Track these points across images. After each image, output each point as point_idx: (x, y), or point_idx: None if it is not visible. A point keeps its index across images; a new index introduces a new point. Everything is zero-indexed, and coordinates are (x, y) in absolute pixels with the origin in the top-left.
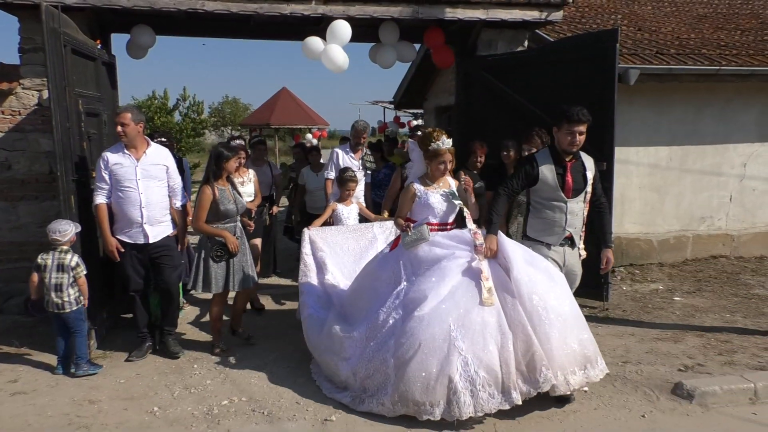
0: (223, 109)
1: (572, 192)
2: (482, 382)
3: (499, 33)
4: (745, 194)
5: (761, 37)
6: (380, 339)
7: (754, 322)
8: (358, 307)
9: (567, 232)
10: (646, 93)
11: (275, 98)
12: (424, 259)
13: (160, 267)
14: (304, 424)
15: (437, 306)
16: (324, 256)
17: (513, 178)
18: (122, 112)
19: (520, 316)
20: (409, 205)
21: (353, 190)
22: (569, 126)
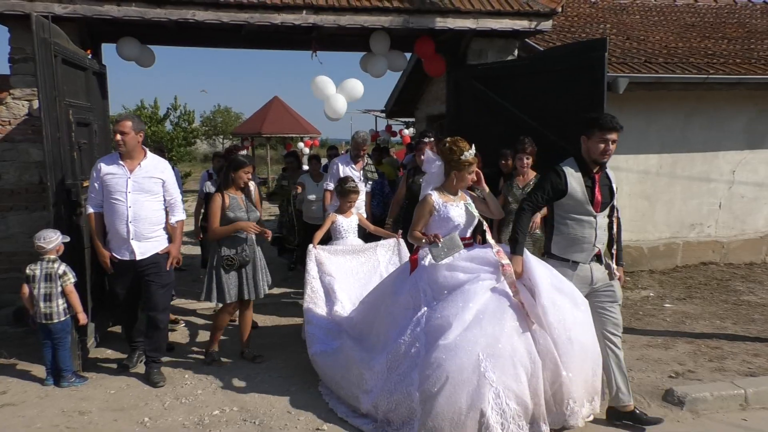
0: (215, 119)
1: (600, 206)
2: (512, 414)
3: (490, 42)
4: (734, 201)
5: (748, 45)
6: (403, 370)
7: (744, 328)
8: (374, 331)
9: (596, 248)
10: (635, 101)
11: (267, 107)
12: (445, 285)
13: (148, 285)
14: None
15: (463, 334)
16: (332, 282)
17: (538, 192)
18: (122, 120)
19: (548, 344)
20: (426, 219)
21: (354, 202)
22: (602, 134)
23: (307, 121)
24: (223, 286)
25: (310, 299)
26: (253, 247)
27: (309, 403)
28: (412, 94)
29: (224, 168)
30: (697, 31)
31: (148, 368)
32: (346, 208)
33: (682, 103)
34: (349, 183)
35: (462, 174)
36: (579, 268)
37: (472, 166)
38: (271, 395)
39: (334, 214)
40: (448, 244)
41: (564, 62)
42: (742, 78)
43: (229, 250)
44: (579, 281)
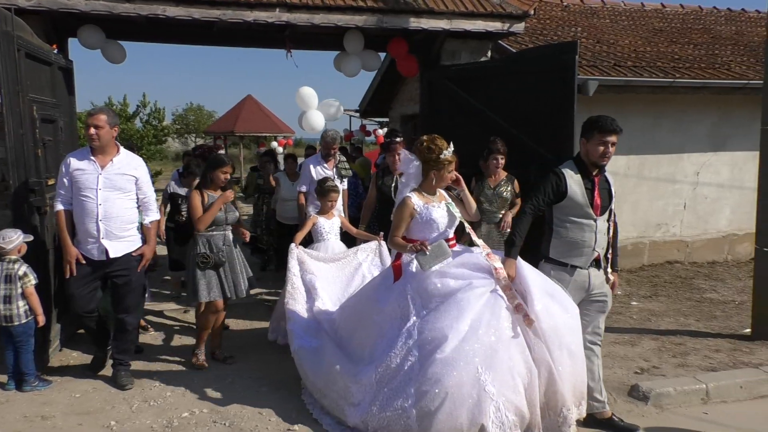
0: (187, 117)
1: (600, 209)
2: (510, 425)
3: (463, 43)
4: (698, 202)
5: (712, 51)
6: (395, 385)
7: (706, 324)
8: (357, 341)
9: (596, 253)
10: (605, 104)
11: (240, 106)
12: (435, 293)
13: (118, 289)
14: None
15: (460, 346)
16: (313, 280)
17: (538, 195)
18: (97, 113)
19: (542, 351)
20: (407, 223)
21: (335, 201)
22: (601, 136)
23: (281, 120)
24: (198, 284)
25: (291, 296)
26: (230, 248)
27: (280, 404)
28: (387, 94)
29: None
30: (664, 35)
31: (116, 371)
32: (327, 209)
33: (650, 106)
34: (329, 182)
35: (441, 173)
36: (577, 273)
37: (452, 165)
38: (242, 396)
39: (315, 216)
40: (436, 251)
41: (536, 64)
42: (706, 82)
43: (204, 247)
44: (576, 286)
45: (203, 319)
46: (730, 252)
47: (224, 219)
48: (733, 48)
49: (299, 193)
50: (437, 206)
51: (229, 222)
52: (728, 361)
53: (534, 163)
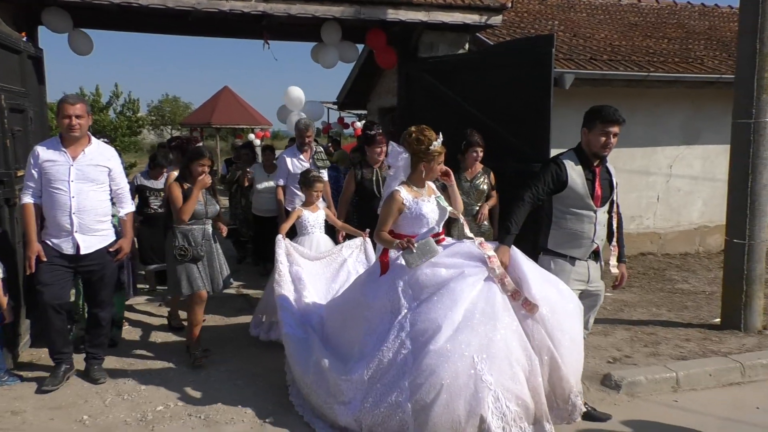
0: (163, 108)
1: (600, 200)
2: (513, 417)
3: (441, 35)
4: (671, 194)
5: (686, 45)
6: (388, 379)
7: (678, 314)
8: (347, 338)
9: (595, 244)
10: (581, 97)
11: (216, 97)
12: (427, 284)
13: (91, 283)
14: (242, 426)
15: (454, 336)
16: (300, 272)
17: (538, 184)
18: (77, 103)
19: (543, 338)
20: (395, 218)
21: (321, 191)
22: (603, 126)
23: (258, 112)
24: (179, 277)
25: (278, 285)
26: (210, 242)
27: (256, 396)
28: (365, 86)
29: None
30: (639, 30)
31: (88, 365)
32: (312, 200)
33: (625, 99)
34: (313, 173)
35: (431, 165)
36: (577, 264)
37: (441, 156)
38: (218, 389)
39: (300, 209)
40: (423, 249)
41: (513, 57)
42: (679, 76)
43: (183, 240)
44: (575, 277)
45: (191, 313)
46: (701, 244)
47: (204, 212)
48: (707, 43)
49: (277, 188)
50: (427, 200)
51: (209, 215)
52: (698, 349)
53: (511, 155)
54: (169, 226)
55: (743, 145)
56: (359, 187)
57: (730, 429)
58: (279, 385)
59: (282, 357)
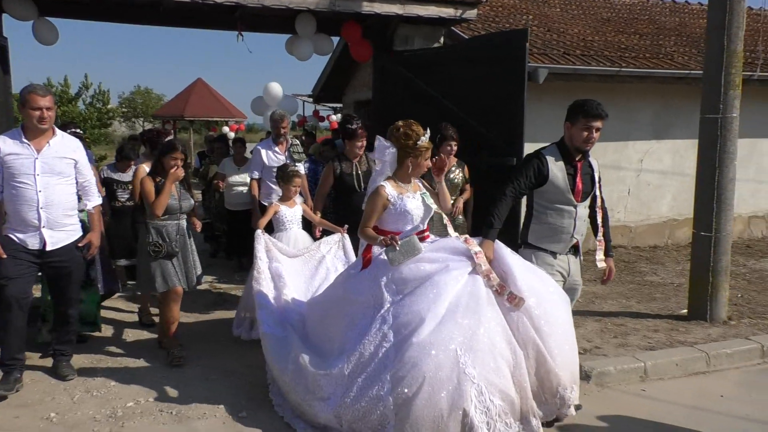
0: (135, 100)
1: (581, 195)
2: (498, 411)
3: (416, 28)
4: (641, 188)
5: (657, 41)
6: (370, 373)
7: (646, 306)
8: (327, 335)
9: (575, 239)
10: (554, 92)
11: (190, 89)
12: (410, 278)
13: (57, 280)
14: (215, 421)
15: (438, 329)
16: (279, 269)
17: (520, 178)
18: (47, 95)
19: (528, 331)
20: (379, 213)
21: (299, 186)
22: (586, 121)
23: (233, 105)
24: (153, 273)
25: (257, 281)
26: (184, 238)
27: (230, 392)
28: (340, 80)
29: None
30: (612, 25)
31: (56, 361)
32: (290, 195)
33: (597, 94)
34: (291, 167)
35: (418, 161)
36: (558, 258)
37: (428, 152)
38: (190, 384)
39: (276, 204)
40: (407, 247)
41: (487, 51)
42: (650, 72)
43: (157, 236)
44: (558, 270)
45: (166, 310)
46: (670, 237)
47: (178, 207)
48: (677, 39)
49: (252, 182)
50: (412, 197)
51: (184, 210)
52: (666, 340)
53: (485, 149)
54: (139, 221)
55: (711, 139)
56: (338, 181)
57: (695, 417)
58: (253, 380)
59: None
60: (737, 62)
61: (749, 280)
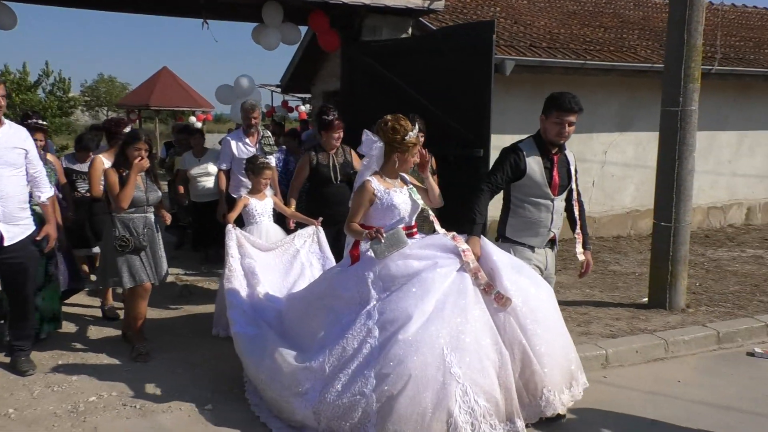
0: (98, 88)
1: (558, 189)
2: (483, 413)
3: (384, 19)
4: (606, 180)
5: (621, 35)
6: (352, 369)
7: (609, 295)
8: (308, 330)
9: (552, 233)
10: (521, 83)
11: (155, 78)
12: (397, 275)
13: (14, 276)
14: (180, 414)
15: (425, 326)
16: (253, 265)
17: (497, 172)
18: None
19: (514, 331)
20: (366, 208)
21: (269, 179)
22: (559, 114)
23: (200, 95)
24: (120, 268)
25: (228, 280)
26: (152, 231)
27: (195, 384)
28: (309, 70)
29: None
30: (577, 18)
31: (14, 357)
32: (260, 188)
33: (563, 86)
34: (260, 159)
35: (405, 156)
36: (536, 252)
37: (416, 147)
38: (155, 378)
39: (246, 197)
40: (392, 240)
41: (455, 42)
42: (614, 65)
43: (124, 230)
44: (536, 264)
45: (134, 306)
46: (633, 227)
47: (145, 199)
48: (640, 32)
49: (219, 171)
50: (398, 191)
51: (151, 203)
52: (627, 328)
53: (452, 140)
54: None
55: (671, 132)
56: (314, 172)
57: (653, 402)
58: (218, 372)
59: (223, 345)
60: (696, 56)
61: (707, 269)
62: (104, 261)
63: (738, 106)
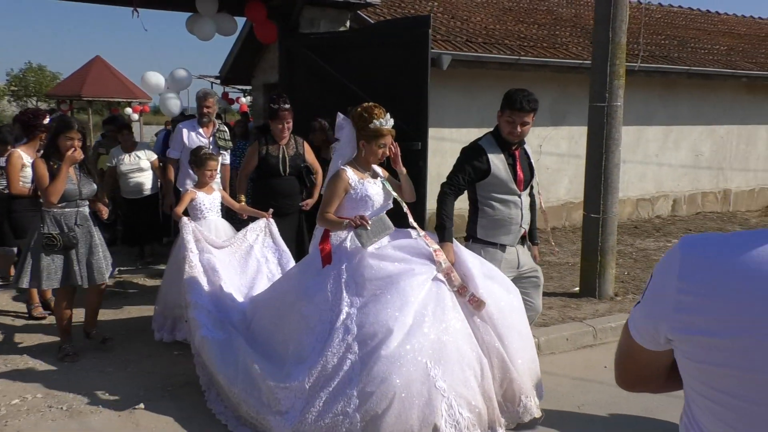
0: (26, 77)
1: (523, 184)
2: (467, 424)
3: (322, 11)
4: (541, 172)
5: (554, 32)
6: (334, 387)
7: (544, 285)
8: (279, 337)
9: (523, 229)
10: (458, 78)
11: (87, 67)
12: (371, 277)
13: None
14: (109, 415)
15: (406, 340)
16: (212, 260)
17: (458, 174)
18: None
19: (491, 339)
20: (340, 198)
21: (215, 170)
22: (511, 113)
23: (136, 85)
24: (41, 268)
25: (189, 276)
26: (86, 227)
27: (126, 383)
28: (249, 61)
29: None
30: (512, 15)
31: None
32: (205, 181)
33: (499, 81)
34: (204, 150)
35: (371, 146)
36: (507, 251)
37: (384, 139)
38: (84, 378)
39: (193, 191)
40: (378, 226)
41: (392, 36)
42: (547, 61)
43: (52, 227)
44: (507, 265)
45: (58, 306)
46: (567, 218)
47: (77, 192)
48: (572, 30)
49: (169, 160)
50: (373, 182)
51: (84, 196)
52: (558, 316)
53: None
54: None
55: (598, 126)
56: (262, 163)
57: (581, 387)
58: (150, 370)
59: (154, 343)
60: (621, 54)
61: (635, 258)
62: (23, 259)
63: (663, 102)
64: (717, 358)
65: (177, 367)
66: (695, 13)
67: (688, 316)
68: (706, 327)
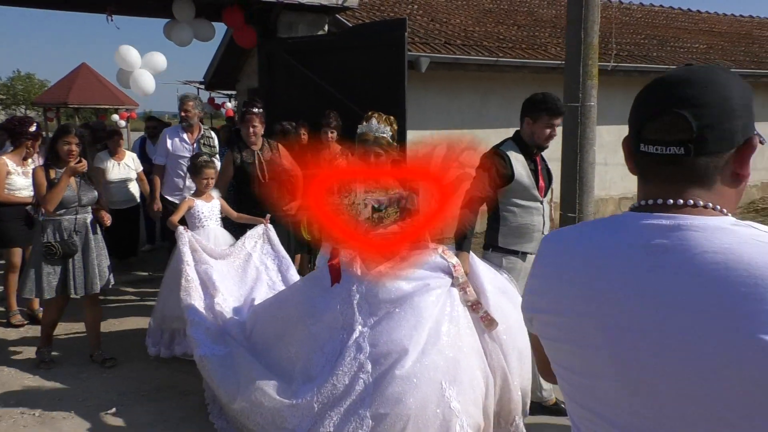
0: (14, 86)
1: (544, 191)
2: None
3: (300, 15)
4: None
5: (533, 33)
6: (345, 408)
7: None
8: (285, 354)
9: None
10: (438, 80)
11: (74, 74)
12: (386, 299)
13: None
14: (80, 422)
15: (421, 360)
16: (210, 271)
17: (483, 179)
18: None
19: (499, 358)
20: None
21: (212, 178)
22: (550, 119)
23: (122, 92)
24: (42, 278)
25: (186, 291)
26: (85, 234)
27: (101, 389)
28: (233, 66)
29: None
30: (492, 16)
31: None
32: (203, 189)
33: (479, 83)
34: (202, 157)
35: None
36: (528, 259)
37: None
38: (59, 384)
39: (191, 199)
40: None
41: (370, 39)
42: (525, 62)
43: (52, 235)
44: (525, 275)
45: (46, 316)
46: None
47: (77, 199)
48: (552, 30)
49: (156, 166)
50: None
51: (84, 203)
52: None
53: None
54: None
55: (572, 126)
56: (239, 171)
57: None
58: (127, 377)
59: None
60: (593, 54)
61: None
62: (27, 269)
63: None
64: (554, 333)
65: (153, 372)
66: (676, 12)
67: (534, 296)
68: (546, 306)
